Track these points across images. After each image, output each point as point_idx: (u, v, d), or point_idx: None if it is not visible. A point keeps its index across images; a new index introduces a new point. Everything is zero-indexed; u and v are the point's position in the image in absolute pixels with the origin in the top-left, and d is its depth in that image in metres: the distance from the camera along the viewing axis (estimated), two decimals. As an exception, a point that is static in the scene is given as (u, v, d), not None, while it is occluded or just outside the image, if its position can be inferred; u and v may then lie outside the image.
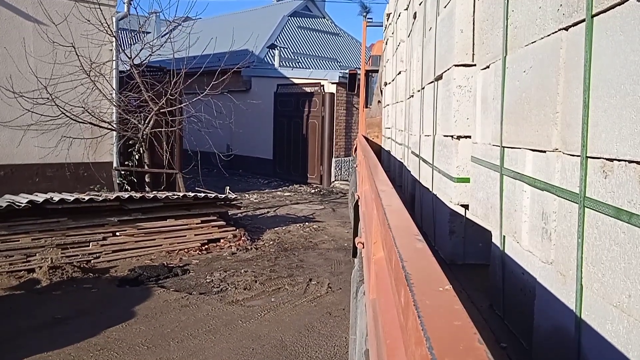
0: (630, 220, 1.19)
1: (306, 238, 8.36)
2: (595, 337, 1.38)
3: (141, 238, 7.02)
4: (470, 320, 0.69)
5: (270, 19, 20.94)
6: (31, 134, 8.27)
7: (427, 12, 4.05)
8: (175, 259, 6.88)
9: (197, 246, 7.42)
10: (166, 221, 7.28)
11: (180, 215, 7.43)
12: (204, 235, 7.59)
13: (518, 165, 1.98)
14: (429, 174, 3.74)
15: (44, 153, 8.40)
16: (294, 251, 7.54)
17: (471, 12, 2.88)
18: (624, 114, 1.21)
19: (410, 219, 1.40)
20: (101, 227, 6.71)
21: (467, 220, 3.04)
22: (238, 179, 14.94)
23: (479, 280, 2.67)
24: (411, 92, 5.01)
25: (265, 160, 16.00)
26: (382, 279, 1.51)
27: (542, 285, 1.76)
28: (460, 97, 2.96)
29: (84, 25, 8.30)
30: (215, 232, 7.73)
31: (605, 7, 1.30)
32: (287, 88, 15.24)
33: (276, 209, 10.85)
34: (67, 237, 6.37)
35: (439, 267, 0.93)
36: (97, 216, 6.75)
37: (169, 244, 7.25)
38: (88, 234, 6.57)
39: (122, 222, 6.89)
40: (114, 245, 6.76)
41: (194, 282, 5.98)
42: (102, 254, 6.63)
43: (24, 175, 8.40)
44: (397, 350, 1.00)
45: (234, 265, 6.70)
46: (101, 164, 8.95)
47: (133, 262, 6.67)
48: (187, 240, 7.44)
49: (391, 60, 7.57)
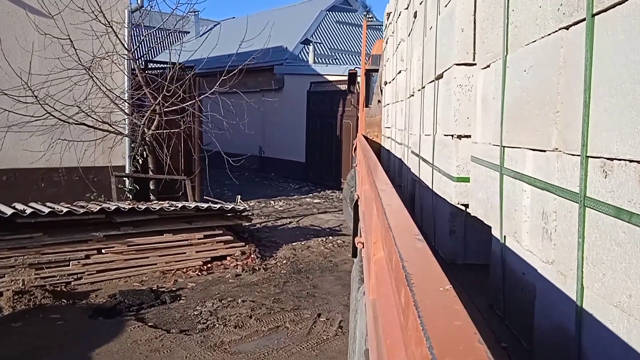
0: (630, 219, 1.18)
1: (326, 257, 7.45)
2: (596, 337, 1.38)
3: (131, 256, 6.16)
4: (471, 320, 0.69)
5: (307, 15, 20.17)
6: (37, 137, 7.60)
7: (428, 11, 4.04)
8: (170, 281, 6.08)
9: (198, 265, 6.59)
10: (162, 236, 6.41)
11: (180, 230, 6.58)
12: (207, 252, 6.75)
13: (518, 164, 1.97)
14: (429, 173, 3.73)
15: (50, 156, 7.80)
16: (308, 273, 6.65)
17: (472, 11, 2.87)
18: (625, 114, 1.21)
19: (410, 218, 1.40)
20: (84, 244, 5.87)
21: (467, 220, 3.04)
22: (268, 184, 14.12)
23: (479, 280, 2.67)
24: (411, 91, 5.00)
25: (297, 164, 15.19)
26: (382, 279, 1.51)
27: (542, 285, 1.76)
28: (461, 96, 2.96)
29: (83, 15, 7.43)
30: (220, 249, 6.87)
31: (605, 6, 1.29)
32: (321, 86, 14.44)
33: (300, 219, 10.02)
34: (42, 255, 5.56)
35: (439, 267, 0.93)
36: (79, 230, 5.91)
37: (165, 262, 6.39)
38: (67, 252, 5.74)
39: (109, 238, 6.04)
40: (98, 264, 5.94)
41: (179, 313, 5.15)
42: (84, 274, 5.83)
43: (29, 180, 7.87)
44: (397, 350, 1.00)
45: (233, 291, 5.89)
46: (113, 169, 8.23)
47: (120, 284, 5.91)
48: (187, 258, 6.57)
49: (391, 60, 7.57)
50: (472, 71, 2.85)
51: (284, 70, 15.61)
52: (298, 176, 14.99)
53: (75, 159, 8.02)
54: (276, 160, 15.74)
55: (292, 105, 13.79)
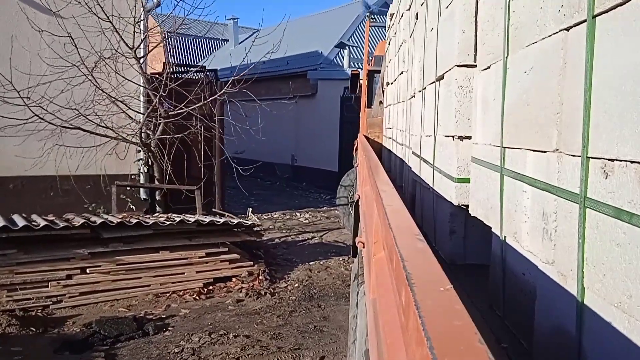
0: (630, 220, 1.19)
1: (345, 280, 6.56)
2: (596, 337, 1.38)
3: (121, 276, 5.48)
4: (471, 320, 0.69)
5: (344, 19, 19.44)
6: (43, 143, 7.01)
7: (429, 12, 4.05)
8: (161, 306, 5.38)
9: (197, 288, 5.86)
10: (158, 254, 5.69)
11: (178, 246, 5.86)
12: (208, 272, 6.02)
13: (518, 165, 1.98)
14: (430, 174, 3.73)
15: (59, 163, 7.21)
16: (321, 301, 5.84)
17: (473, 12, 2.88)
18: (625, 115, 1.21)
19: (410, 218, 1.40)
20: (65, 262, 5.20)
21: (468, 221, 3.04)
22: (298, 194, 13.51)
23: (480, 280, 2.67)
24: (412, 92, 5.00)
25: (330, 173, 14.32)
26: (382, 279, 1.51)
27: (542, 285, 1.76)
28: (461, 97, 2.96)
29: (82, 9, 6.79)
30: (224, 269, 6.12)
31: (606, 7, 1.30)
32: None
33: (324, 234, 9.30)
34: (15, 275, 4.95)
35: (440, 267, 0.94)
36: (60, 247, 5.23)
37: (160, 284, 5.69)
38: (46, 271, 5.09)
39: (96, 255, 5.37)
40: (82, 285, 5.27)
41: (158, 350, 4.41)
42: (64, 297, 5.16)
43: (37, 189, 7.39)
44: (398, 350, 1.00)
45: (229, 321, 5.12)
46: (125, 178, 7.73)
47: (104, 309, 5.20)
48: (186, 279, 5.85)
49: (393, 61, 7.57)
50: (473, 72, 2.86)
51: (317, 76, 14.94)
52: (330, 186, 13.89)
53: (88, 166, 7.52)
54: (308, 170, 14.98)
55: (325, 111, 13.03)
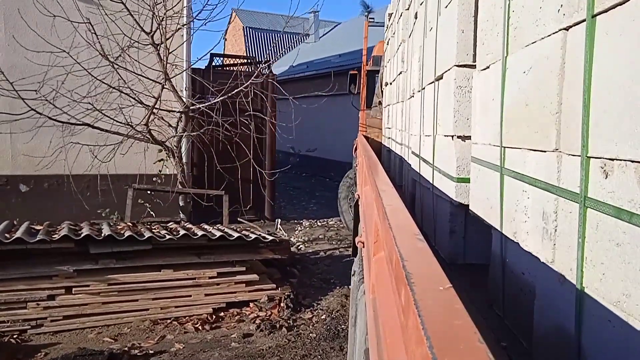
0: (630, 220, 1.19)
1: None
2: (596, 337, 1.38)
3: (113, 298, 4.74)
4: (471, 319, 0.69)
5: None
6: (80, 137, 6.40)
7: (428, 12, 4.05)
8: (154, 338, 4.57)
9: (205, 314, 4.94)
10: (159, 272, 4.91)
11: (184, 264, 5.04)
12: (220, 295, 5.11)
13: (518, 165, 1.98)
14: (429, 173, 3.74)
15: (96, 162, 6.57)
16: (346, 340, 4.46)
17: (472, 12, 2.88)
18: (625, 114, 1.21)
19: (410, 218, 1.40)
20: (47, 281, 4.53)
21: (468, 220, 3.04)
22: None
23: (479, 280, 2.67)
24: (411, 92, 5.00)
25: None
26: (382, 278, 1.51)
27: (542, 284, 1.76)
28: (461, 97, 2.96)
29: None
30: (240, 292, 5.18)
31: (606, 7, 1.30)
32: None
33: None
34: None
35: (440, 266, 0.93)
36: (41, 263, 4.58)
37: (160, 308, 4.89)
38: (23, 291, 4.46)
39: (83, 273, 4.66)
40: (66, 308, 4.57)
41: None
42: (46, 320, 4.50)
43: (68, 188, 6.82)
44: (398, 350, 1.00)
45: None
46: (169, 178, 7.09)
47: (90, 337, 4.49)
48: (192, 304, 5.00)
49: (392, 61, 7.57)
50: (472, 72, 2.86)
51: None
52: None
53: (126, 165, 6.88)
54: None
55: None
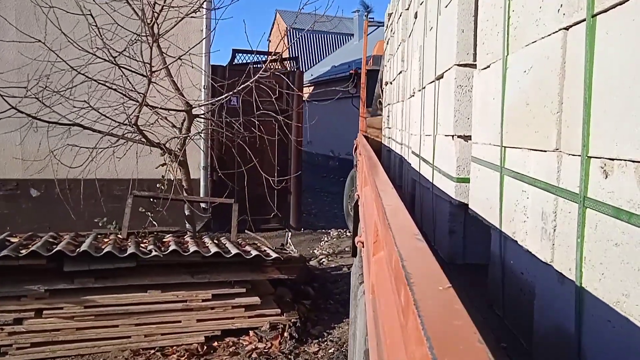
0: (629, 220, 1.19)
1: None
2: (595, 337, 1.38)
3: (89, 323, 4.14)
4: (471, 319, 0.69)
5: None
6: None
7: (428, 11, 4.05)
8: None
9: (196, 343, 4.30)
10: (145, 293, 4.27)
11: (174, 285, 4.36)
12: (214, 321, 4.43)
13: (518, 165, 1.97)
14: (429, 173, 3.73)
15: (109, 164, 5.66)
16: None
17: (472, 11, 2.88)
18: (625, 114, 1.21)
19: (410, 218, 1.40)
20: (14, 302, 4.00)
21: (467, 220, 3.04)
22: None
23: (479, 280, 2.67)
24: (412, 91, 5.00)
25: None
26: (382, 278, 1.51)
27: (542, 284, 1.76)
28: (461, 97, 2.96)
29: None
30: (238, 318, 4.48)
31: (606, 6, 1.30)
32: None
33: None
34: None
35: (439, 266, 0.93)
36: (8, 281, 4.05)
37: (144, 335, 4.25)
38: None
39: (57, 294, 4.08)
40: (34, 333, 4.02)
41: None
42: (10, 348, 3.97)
43: (86, 193, 6.01)
44: (397, 350, 1.00)
45: None
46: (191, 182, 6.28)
47: None
48: (181, 331, 4.34)
49: (392, 60, 7.56)
50: (472, 72, 2.86)
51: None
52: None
53: (145, 169, 6.21)
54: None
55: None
